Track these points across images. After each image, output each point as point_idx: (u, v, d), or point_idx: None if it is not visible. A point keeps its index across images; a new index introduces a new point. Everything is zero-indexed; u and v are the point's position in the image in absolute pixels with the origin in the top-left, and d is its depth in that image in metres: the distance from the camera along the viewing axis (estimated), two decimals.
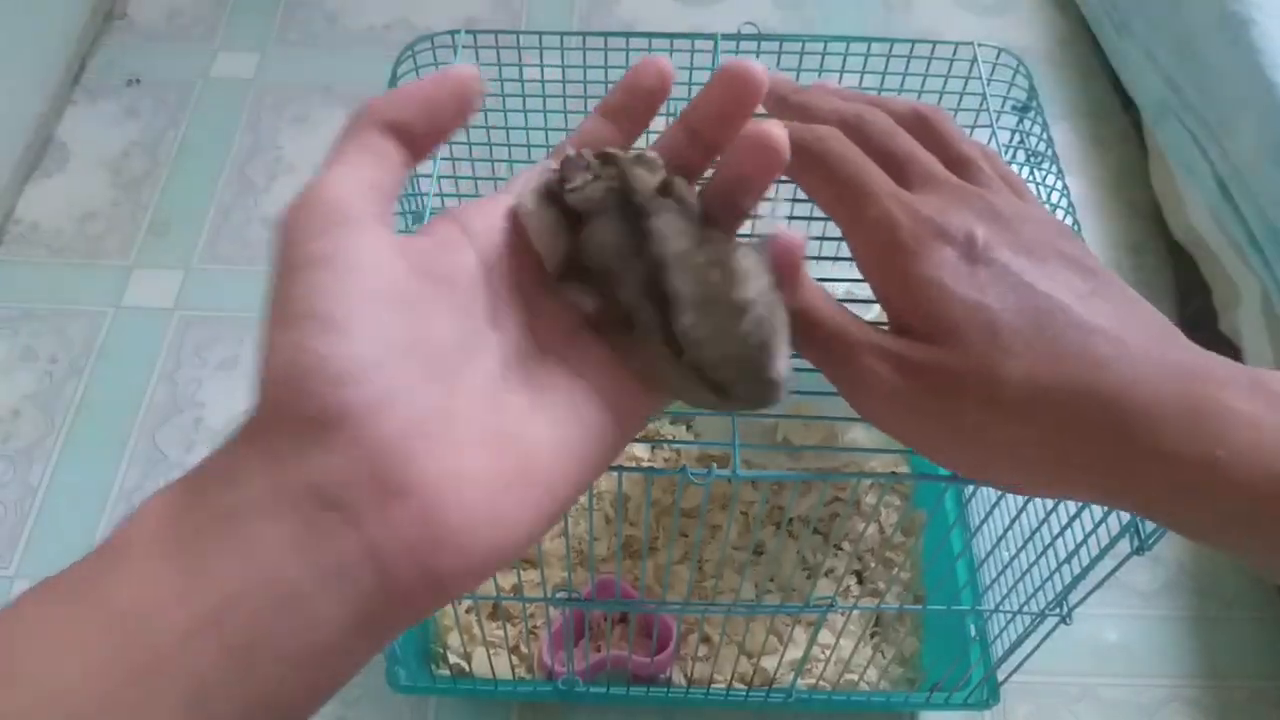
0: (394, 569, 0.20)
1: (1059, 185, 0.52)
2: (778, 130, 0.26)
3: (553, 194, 0.25)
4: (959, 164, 0.31)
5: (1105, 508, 0.45)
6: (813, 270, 0.31)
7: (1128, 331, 0.27)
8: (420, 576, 0.21)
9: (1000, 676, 0.60)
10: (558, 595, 0.53)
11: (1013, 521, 0.54)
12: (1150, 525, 0.44)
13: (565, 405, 0.24)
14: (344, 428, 0.20)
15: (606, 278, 0.25)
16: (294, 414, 0.20)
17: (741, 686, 0.62)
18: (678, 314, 0.24)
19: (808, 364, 0.30)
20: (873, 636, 0.67)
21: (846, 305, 0.30)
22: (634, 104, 0.28)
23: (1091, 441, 0.26)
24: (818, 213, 0.67)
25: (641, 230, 0.24)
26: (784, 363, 0.25)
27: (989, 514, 0.59)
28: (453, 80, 0.24)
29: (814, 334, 0.29)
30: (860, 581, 0.69)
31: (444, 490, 0.21)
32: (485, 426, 0.23)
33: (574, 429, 0.24)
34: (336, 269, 0.21)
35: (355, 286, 0.21)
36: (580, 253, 0.25)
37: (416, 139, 0.24)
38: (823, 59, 0.58)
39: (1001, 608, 0.55)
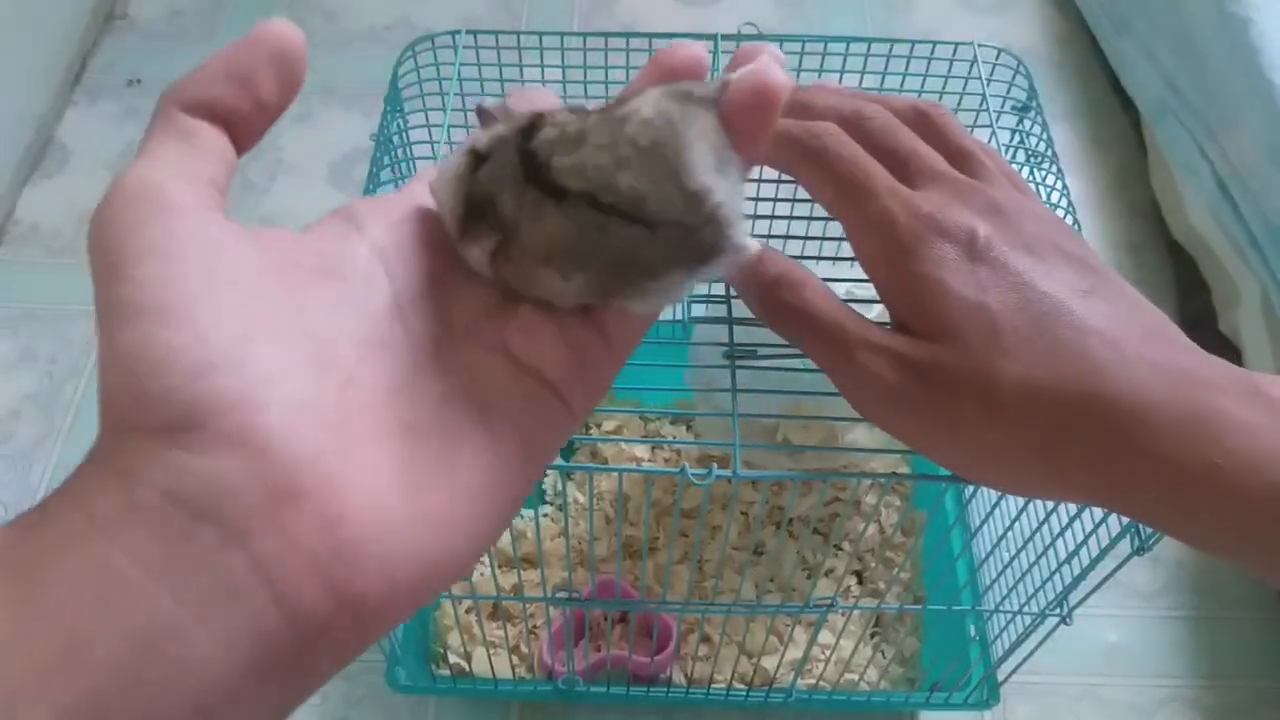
0: (294, 589, 0.17)
1: (1059, 185, 0.52)
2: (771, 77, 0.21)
3: (468, 155, 0.22)
4: (960, 159, 0.31)
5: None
6: (812, 271, 0.31)
7: (1126, 333, 0.27)
8: (330, 598, 0.17)
9: (1000, 676, 0.60)
10: (558, 595, 0.53)
11: (1013, 522, 0.54)
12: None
13: (490, 393, 0.21)
14: (211, 423, 0.16)
15: (498, 205, 0.21)
16: (146, 421, 0.17)
17: (741, 686, 0.62)
18: (558, 156, 0.20)
19: (810, 365, 0.30)
20: (873, 636, 0.67)
21: (847, 305, 0.30)
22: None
23: (1087, 445, 0.26)
24: (819, 212, 0.67)
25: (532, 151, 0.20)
26: (707, 176, 0.19)
27: (989, 514, 0.59)
28: (267, 41, 0.20)
29: (813, 328, 0.29)
30: (860, 582, 0.69)
31: (347, 488, 0.17)
32: (394, 419, 0.19)
33: (501, 417, 0.20)
34: (164, 258, 0.18)
35: (192, 274, 0.18)
36: (476, 192, 0.21)
37: (237, 118, 0.20)
38: (823, 59, 0.58)
39: (1002, 608, 0.55)
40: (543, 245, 0.20)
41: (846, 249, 0.32)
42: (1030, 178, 0.54)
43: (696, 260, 0.20)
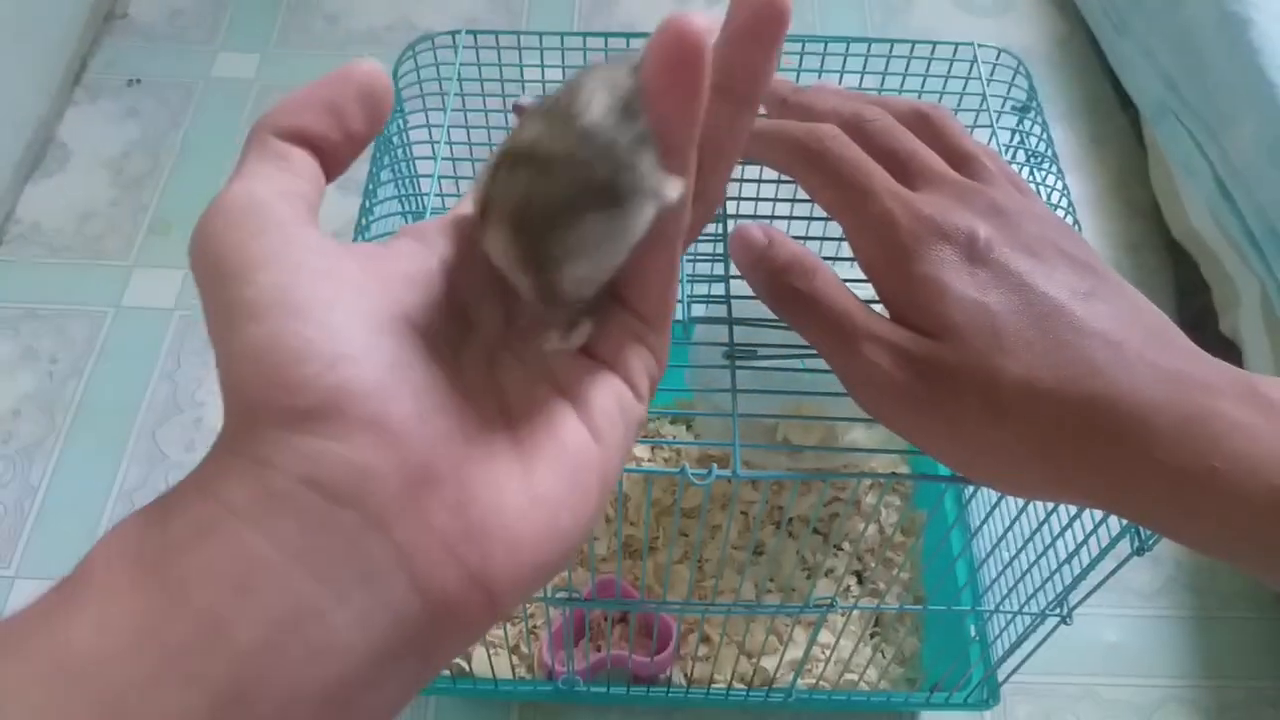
0: (430, 572, 0.17)
1: (1059, 185, 0.52)
2: None
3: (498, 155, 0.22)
4: (960, 160, 0.31)
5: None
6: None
7: (1127, 335, 0.27)
8: (463, 579, 0.17)
9: (1000, 676, 0.60)
10: (558, 595, 0.53)
11: (1013, 522, 0.54)
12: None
13: (566, 378, 0.21)
14: (350, 410, 0.17)
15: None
16: (282, 410, 0.17)
17: (741, 686, 0.62)
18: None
19: (810, 365, 0.30)
20: (873, 636, 0.67)
21: (857, 297, 0.30)
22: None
23: (1087, 446, 0.26)
24: (818, 212, 0.67)
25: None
26: (602, 118, 0.19)
27: (989, 514, 0.59)
28: (356, 78, 0.21)
29: (821, 317, 0.29)
30: (860, 581, 0.69)
31: (473, 473, 0.18)
32: (494, 406, 0.20)
33: (581, 400, 0.21)
34: (287, 265, 0.18)
35: (315, 278, 0.18)
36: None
37: (326, 147, 0.21)
38: (823, 60, 0.58)
39: (1001, 608, 0.55)
40: (495, 213, 0.20)
41: (846, 249, 0.32)
42: (1030, 178, 0.54)
43: (602, 201, 0.19)
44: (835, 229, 0.65)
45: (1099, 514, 0.46)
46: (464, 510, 0.18)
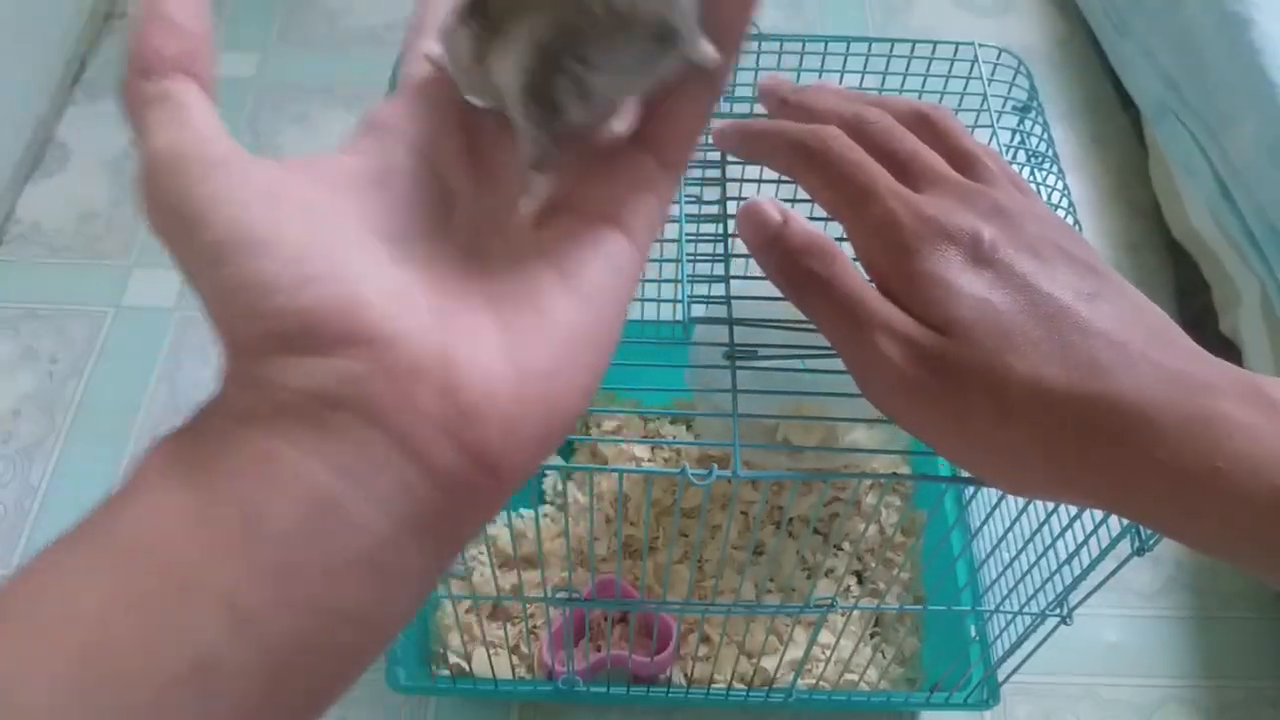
0: (430, 454, 0.18)
1: (1060, 185, 0.52)
2: None
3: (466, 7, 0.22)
4: (962, 161, 0.31)
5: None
6: None
7: (1129, 336, 0.27)
8: (464, 456, 0.19)
9: (1000, 677, 0.60)
10: (558, 595, 0.53)
11: (1013, 522, 0.54)
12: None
13: (555, 245, 0.22)
14: (324, 327, 0.18)
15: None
16: (262, 341, 0.18)
17: (741, 686, 0.62)
18: None
19: (810, 365, 0.30)
20: (873, 637, 0.67)
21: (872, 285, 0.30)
22: None
23: (1089, 447, 0.26)
24: (818, 212, 0.67)
25: None
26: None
27: (989, 515, 0.59)
28: None
29: (836, 302, 0.29)
30: (860, 582, 0.69)
31: (456, 358, 0.19)
32: (477, 291, 0.21)
33: (573, 267, 0.21)
34: (236, 203, 0.19)
35: (264, 210, 0.19)
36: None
37: (185, 60, 0.21)
38: (823, 59, 0.58)
39: (1002, 608, 0.55)
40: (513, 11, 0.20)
41: (846, 249, 0.32)
42: (1031, 178, 0.54)
43: (643, 34, 0.20)
44: (835, 229, 0.65)
45: (1099, 514, 0.46)
46: (453, 394, 0.19)
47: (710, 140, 0.36)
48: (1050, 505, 0.51)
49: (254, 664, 0.17)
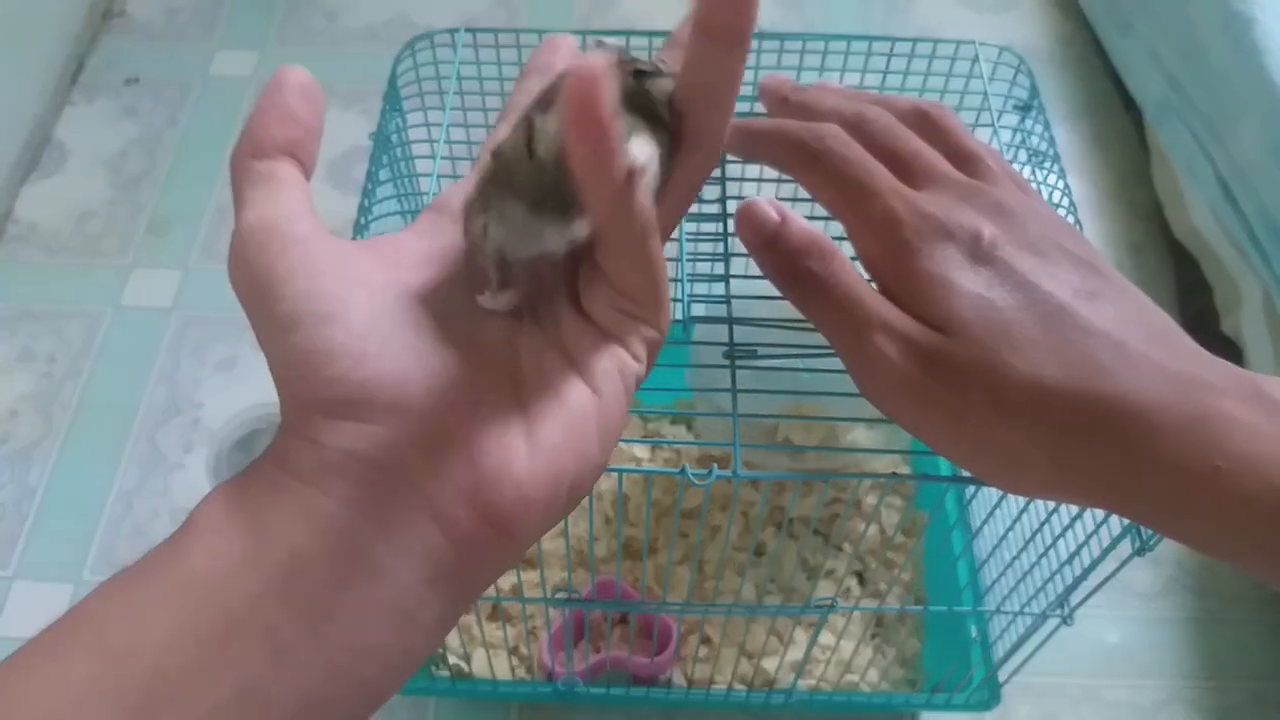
0: (450, 514, 0.21)
1: (1061, 185, 0.52)
2: None
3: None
4: (964, 159, 0.31)
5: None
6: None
7: (1130, 335, 0.27)
8: (478, 517, 0.21)
9: (1001, 677, 0.60)
10: (557, 596, 0.53)
11: (1014, 523, 0.54)
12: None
13: (573, 344, 0.24)
14: (376, 398, 0.21)
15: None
16: (320, 403, 0.21)
17: (742, 687, 0.62)
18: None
19: (809, 364, 0.30)
20: (873, 637, 0.67)
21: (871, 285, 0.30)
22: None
23: (1091, 448, 0.26)
24: (818, 211, 0.66)
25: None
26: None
27: (990, 515, 0.58)
28: (292, 82, 0.24)
29: (831, 297, 0.29)
30: (861, 582, 0.69)
31: (481, 433, 0.22)
32: (506, 374, 0.23)
33: (586, 362, 0.24)
34: (308, 276, 0.22)
35: (334, 284, 0.22)
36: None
37: (295, 148, 0.24)
38: (823, 58, 0.58)
39: (1003, 609, 0.55)
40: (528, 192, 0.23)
41: (846, 250, 0.32)
42: (1032, 177, 0.54)
43: (538, 208, 0.23)
44: (835, 229, 0.65)
45: (1100, 515, 0.46)
46: (475, 464, 0.21)
47: None
48: (1051, 505, 0.51)
49: (289, 693, 0.19)
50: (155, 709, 0.18)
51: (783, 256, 0.30)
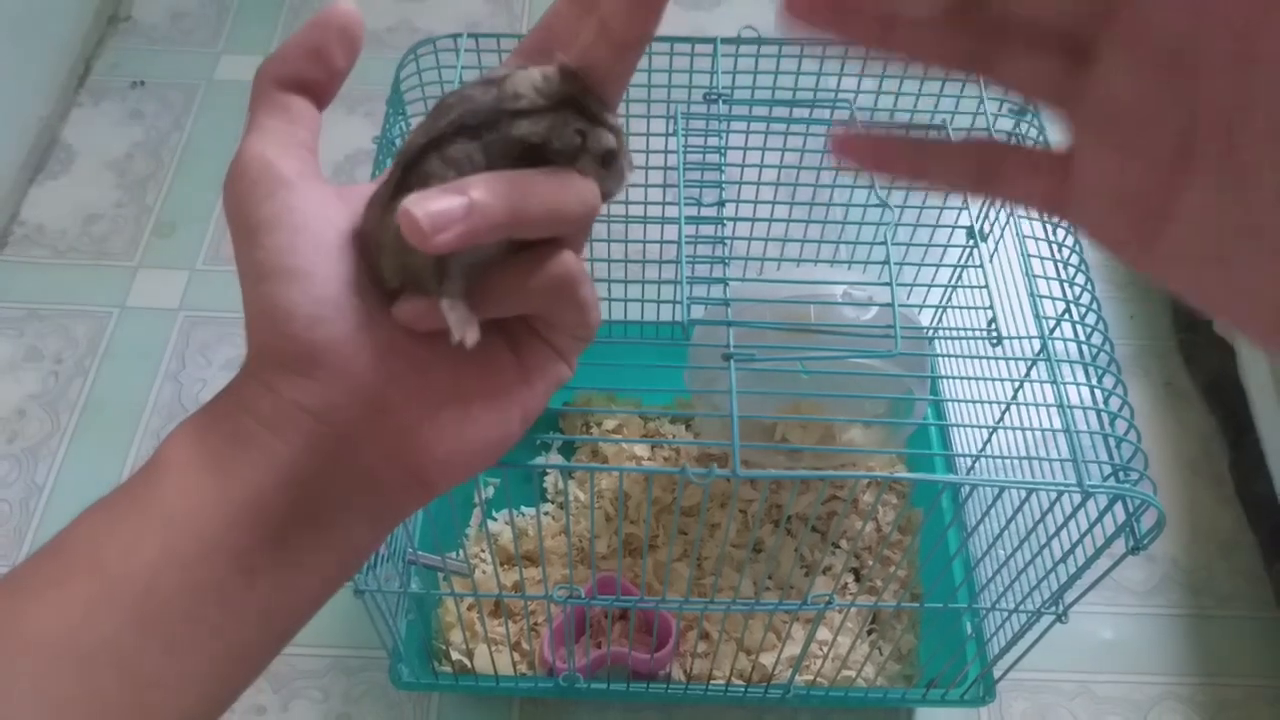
0: (383, 471, 0.24)
1: None
2: None
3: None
4: None
5: (1100, 507, 0.46)
6: (806, 271, 0.31)
7: None
8: (407, 477, 0.25)
9: (996, 673, 0.61)
10: (559, 592, 0.54)
11: (1009, 520, 0.54)
12: (1145, 524, 0.44)
13: (519, 339, 0.26)
14: (323, 360, 0.23)
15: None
16: (278, 355, 0.23)
17: (740, 683, 0.63)
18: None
19: (807, 366, 0.31)
20: (870, 633, 0.68)
21: (844, 307, 0.30)
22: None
23: None
24: (818, 213, 0.67)
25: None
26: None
27: (985, 513, 0.59)
28: (335, 21, 0.25)
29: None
30: (858, 579, 0.69)
31: (416, 403, 0.24)
32: (448, 347, 0.25)
33: (528, 356, 0.26)
34: (287, 229, 0.24)
35: (307, 242, 0.24)
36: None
37: (316, 86, 0.26)
38: (822, 62, 0.59)
39: (998, 605, 0.56)
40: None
41: (846, 251, 0.32)
42: None
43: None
44: (833, 230, 0.66)
45: (1094, 513, 0.46)
46: (408, 432, 0.24)
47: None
48: (1046, 503, 0.51)
49: (253, 605, 0.23)
50: (149, 620, 0.22)
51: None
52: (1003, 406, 0.59)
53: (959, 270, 0.67)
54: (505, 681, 0.63)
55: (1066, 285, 0.53)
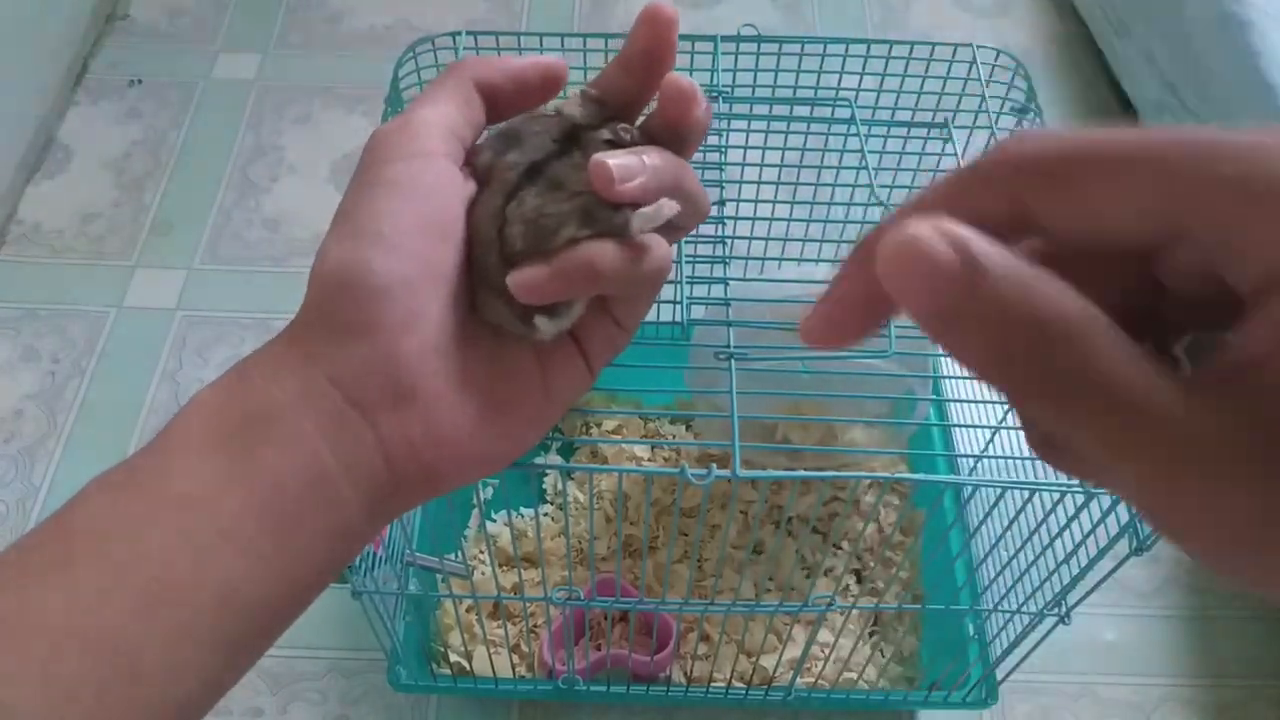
0: (399, 461, 0.25)
1: None
2: (685, 80, 0.27)
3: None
4: None
5: (1103, 507, 0.46)
6: (807, 270, 0.31)
7: None
8: (419, 469, 0.25)
9: (999, 675, 0.61)
10: (558, 594, 0.54)
11: (1011, 522, 0.54)
12: (1149, 525, 0.44)
13: (549, 358, 0.28)
14: (373, 337, 0.24)
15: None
16: (333, 318, 0.24)
17: (741, 685, 0.62)
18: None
19: (807, 366, 0.30)
20: (871, 635, 0.67)
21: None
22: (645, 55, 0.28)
23: None
24: (818, 213, 0.67)
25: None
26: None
27: (988, 514, 0.59)
28: (547, 65, 0.28)
29: (1107, 406, 0.15)
30: (859, 580, 0.69)
31: (443, 401, 0.25)
32: (485, 355, 0.26)
33: (553, 374, 0.28)
34: (402, 193, 0.25)
35: (411, 212, 0.25)
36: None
37: (500, 100, 0.27)
38: (822, 60, 0.59)
39: (1000, 607, 0.56)
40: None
41: (846, 250, 0.32)
42: None
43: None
44: (834, 230, 0.65)
45: (1097, 514, 0.46)
46: (431, 426, 0.25)
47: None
48: (1048, 504, 0.51)
49: (260, 590, 0.24)
50: (154, 609, 0.22)
51: (999, 332, 0.15)
52: (1005, 406, 0.59)
53: None
54: (504, 684, 0.63)
55: None
